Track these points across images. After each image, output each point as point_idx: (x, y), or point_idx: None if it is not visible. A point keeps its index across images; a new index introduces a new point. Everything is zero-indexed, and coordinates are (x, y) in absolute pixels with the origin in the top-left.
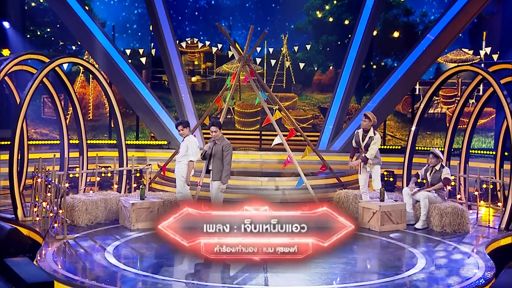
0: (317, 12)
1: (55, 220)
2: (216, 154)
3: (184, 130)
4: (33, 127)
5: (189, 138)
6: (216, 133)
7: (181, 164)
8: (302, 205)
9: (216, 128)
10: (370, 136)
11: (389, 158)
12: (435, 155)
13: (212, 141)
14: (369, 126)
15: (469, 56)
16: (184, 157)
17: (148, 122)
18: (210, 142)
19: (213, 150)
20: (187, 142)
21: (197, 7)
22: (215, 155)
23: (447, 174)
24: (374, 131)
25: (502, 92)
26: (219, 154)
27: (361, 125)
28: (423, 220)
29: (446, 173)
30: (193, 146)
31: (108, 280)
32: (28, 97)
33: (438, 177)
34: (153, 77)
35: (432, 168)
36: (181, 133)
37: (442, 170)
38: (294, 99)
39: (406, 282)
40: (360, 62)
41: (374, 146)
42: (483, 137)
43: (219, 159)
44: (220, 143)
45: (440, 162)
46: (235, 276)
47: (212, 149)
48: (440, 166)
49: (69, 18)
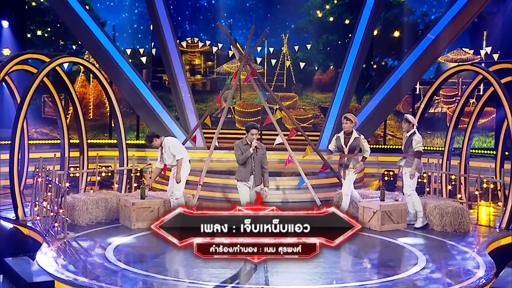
0: (317, 12)
1: (55, 220)
2: (258, 158)
3: (156, 141)
4: (33, 126)
5: (166, 142)
6: (256, 136)
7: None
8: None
9: (257, 132)
10: (355, 137)
11: (389, 158)
12: (406, 120)
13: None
14: (351, 128)
15: (469, 56)
16: (174, 160)
17: (149, 121)
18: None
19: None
20: (165, 146)
21: (197, 6)
22: (257, 159)
23: (419, 145)
24: (357, 132)
25: (503, 91)
26: (260, 157)
27: (344, 127)
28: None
29: (417, 143)
30: (176, 145)
31: (109, 279)
32: (29, 97)
33: (409, 143)
34: (154, 76)
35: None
36: (156, 144)
37: (413, 137)
38: (295, 99)
39: (407, 282)
40: (361, 61)
41: (366, 144)
42: (483, 136)
43: (260, 163)
44: (259, 146)
45: (414, 129)
46: (236, 275)
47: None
48: (412, 132)
49: (70, 18)
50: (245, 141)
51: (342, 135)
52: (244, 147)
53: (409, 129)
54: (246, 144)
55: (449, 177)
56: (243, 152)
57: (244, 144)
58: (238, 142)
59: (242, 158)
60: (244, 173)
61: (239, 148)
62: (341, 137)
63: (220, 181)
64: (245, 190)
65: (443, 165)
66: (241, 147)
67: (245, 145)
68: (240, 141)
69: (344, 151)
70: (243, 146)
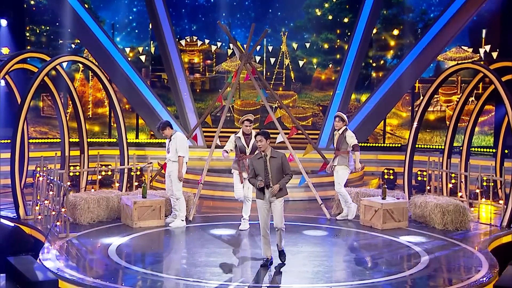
0: (316, 10)
1: (57, 219)
2: (275, 170)
3: (168, 131)
4: (32, 125)
5: (176, 136)
6: (262, 143)
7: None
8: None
9: (262, 138)
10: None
11: (389, 156)
12: (341, 118)
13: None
14: (342, 126)
15: (468, 54)
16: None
17: (148, 120)
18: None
19: (268, 165)
20: (175, 139)
21: (196, 5)
22: (273, 171)
23: (353, 139)
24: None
25: (504, 90)
26: (278, 167)
27: (336, 126)
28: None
29: (351, 138)
30: (183, 142)
31: (113, 278)
32: (30, 95)
33: (343, 139)
34: (152, 75)
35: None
36: (166, 134)
37: (346, 134)
38: (294, 97)
39: (409, 280)
40: (360, 60)
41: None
42: (482, 135)
43: (279, 173)
44: (274, 155)
45: (345, 126)
46: (239, 273)
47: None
48: (344, 129)
49: (69, 17)
50: (259, 154)
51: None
52: (258, 161)
53: (341, 127)
54: (260, 158)
55: (450, 175)
56: (255, 170)
57: (257, 158)
58: (252, 158)
59: (252, 183)
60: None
61: (252, 164)
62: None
63: (221, 179)
64: (262, 208)
65: (444, 163)
66: (254, 162)
67: (258, 159)
68: (254, 155)
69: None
70: (256, 160)
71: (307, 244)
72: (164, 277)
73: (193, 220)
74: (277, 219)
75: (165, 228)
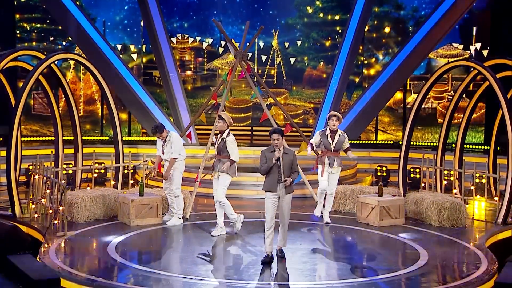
0: (308, 8)
1: (55, 217)
2: (286, 165)
3: (165, 133)
4: (23, 123)
5: (172, 136)
6: (279, 141)
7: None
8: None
9: (278, 136)
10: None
11: (382, 153)
12: (338, 118)
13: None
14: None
15: (459, 51)
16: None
17: (140, 117)
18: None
19: (282, 161)
20: (170, 140)
21: (188, 2)
22: (284, 166)
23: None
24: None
25: (499, 87)
26: (289, 163)
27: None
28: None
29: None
30: (178, 142)
31: (113, 276)
32: (25, 93)
33: (342, 141)
34: (144, 72)
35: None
36: (162, 136)
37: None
38: (285, 95)
39: (408, 277)
40: (353, 57)
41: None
42: (473, 131)
43: (289, 169)
44: (287, 151)
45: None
46: (240, 271)
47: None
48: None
49: (60, 14)
50: (272, 148)
51: (329, 132)
52: (270, 154)
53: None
54: (273, 151)
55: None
56: (267, 160)
57: (270, 151)
58: (264, 150)
59: (264, 168)
60: (271, 182)
61: (264, 156)
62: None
63: None
64: (272, 201)
65: (437, 161)
66: (267, 154)
67: (271, 152)
68: (267, 148)
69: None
70: (269, 153)
71: (305, 242)
72: (165, 274)
73: (189, 218)
74: (285, 214)
75: (162, 226)
